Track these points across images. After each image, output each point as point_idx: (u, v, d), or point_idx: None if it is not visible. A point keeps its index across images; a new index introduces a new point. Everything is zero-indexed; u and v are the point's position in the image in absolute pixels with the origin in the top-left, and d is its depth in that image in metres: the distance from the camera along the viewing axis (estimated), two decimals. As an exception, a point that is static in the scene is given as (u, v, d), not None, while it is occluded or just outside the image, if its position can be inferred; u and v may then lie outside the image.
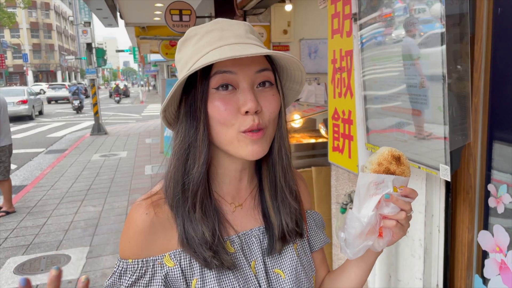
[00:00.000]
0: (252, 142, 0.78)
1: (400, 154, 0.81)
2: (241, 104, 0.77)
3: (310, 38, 5.61)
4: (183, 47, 0.84)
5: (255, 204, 0.91)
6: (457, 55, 1.27)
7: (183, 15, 5.45)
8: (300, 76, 0.87)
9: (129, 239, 0.81)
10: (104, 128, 12.95)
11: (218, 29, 0.80)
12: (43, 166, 8.51)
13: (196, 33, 0.82)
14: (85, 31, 13.08)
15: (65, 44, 69.75)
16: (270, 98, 0.80)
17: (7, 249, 4.29)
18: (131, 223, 0.81)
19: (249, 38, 0.81)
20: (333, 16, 2.25)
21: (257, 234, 0.88)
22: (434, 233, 1.66)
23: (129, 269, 0.79)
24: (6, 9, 37.32)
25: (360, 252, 0.81)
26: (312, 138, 3.45)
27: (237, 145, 0.79)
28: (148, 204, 0.81)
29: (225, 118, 0.77)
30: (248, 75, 0.78)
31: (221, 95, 0.77)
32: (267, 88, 0.81)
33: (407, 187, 0.81)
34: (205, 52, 0.77)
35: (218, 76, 0.77)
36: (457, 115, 1.28)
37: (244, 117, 0.77)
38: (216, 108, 0.77)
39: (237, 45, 0.77)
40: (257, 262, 0.85)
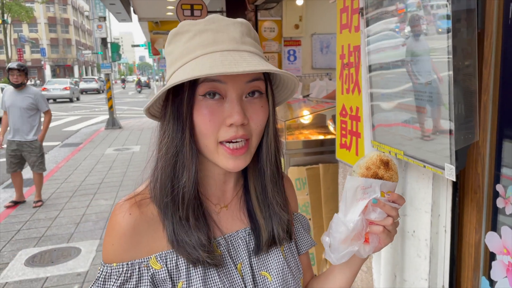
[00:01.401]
0: (234, 157, 0.76)
1: (388, 159, 0.81)
2: (227, 116, 0.74)
3: (322, 33, 5.54)
4: (174, 41, 0.81)
5: (240, 205, 0.89)
6: (464, 51, 1.23)
7: (195, 10, 5.44)
8: (293, 86, 0.85)
9: (112, 242, 0.78)
10: (118, 122, 13.08)
11: (212, 30, 0.77)
12: (58, 159, 8.63)
13: (189, 29, 0.79)
14: (100, 26, 13.21)
15: (82, 39, 70.58)
16: (258, 109, 0.78)
17: (19, 241, 4.37)
18: (114, 225, 0.78)
19: (244, 43, 0.78)
20: (342, 10, 2.21)
21: (243, 236, 0.86)
22: (440, 233, 1.62)
23: (114, 274, 0.76)
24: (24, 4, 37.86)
25: (344, 258, 0.79)
26: (320, 134, 3.42)
27: (217, 157, 0.77)
28: (132, 204, 0.79)
29: (208, 129, 0.75)
30: (238, 86, 0.75)
31: (207, 104, 0.75)
32: (256, 99, 0.78)
33: (395, 193, 0.80)
34: (196, 56, 0.75)
35: (207, 84, 0.74)
36: (464, 113, 1.25)
37: (227, 128, 0.75)
38: (202, 117, 0.75)
39: (230, 53, 0.74)
40: (244, 265, 0.84)
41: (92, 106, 22.23)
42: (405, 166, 1.75)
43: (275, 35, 5.33)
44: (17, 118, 5.18)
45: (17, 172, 5.44)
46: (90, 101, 26.47)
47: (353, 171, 0.81)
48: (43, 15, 56.67)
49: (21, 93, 5.16)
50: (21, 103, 5.16)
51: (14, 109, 5.17)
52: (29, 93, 5.22)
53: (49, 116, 5.50)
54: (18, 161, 5.38)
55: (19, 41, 39.40)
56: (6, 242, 4.35)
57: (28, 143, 5.28)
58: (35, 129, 5.32)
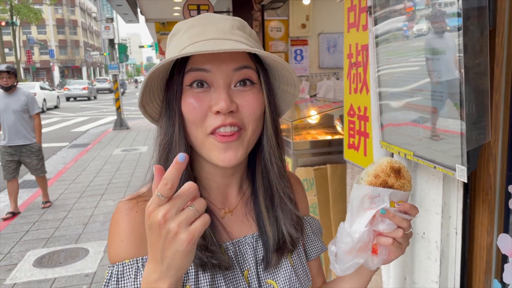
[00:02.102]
0: (224, 147, 0.73)
1: (400, 166, 0.75)
2: (213, 103, 0.73)
3: (329, 32, 5.51)
4: (170, 42, 0.81)
5: (247, 211, 0.86)
6: (475, 50, 1.21)
7: (201, 10, 5.43)
8: (291, 77, 0.80)
9: (121, 239, 0.75)
10: (126, 123, 13.13)
11: (200, 25, 0.76)
12: (66, 160, 8.68)
13: (181, 28, 0.79)
14: (107, 27, 13.27)
15: (90, 40, 71.05)
16: (250, 97, 0.75)
17: (28, 242, 4.39)
18: (120, 222, 0.76)
19: (233, 34, 0.76)
20: (349, 9, 2.19)
21: (250, 242, 0.84)
22: (451, 235, 1.59)
23: (128, 271, 0.73)
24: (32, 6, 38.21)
25: (349, 269, 0.75)
26: (328, 134, 3.39)
27: (207, 149, 0.75)
28: (135, 204, 0.78)
29: (195, 117, 0.73)
30: (225, 73, 0.73)
31: (193, 93, 0.74)
32: (247, 87, 0.76)
33: (407, 203, 0.74)
34: (183, 47, 0.74)
35: (192, 74, 0.73)
36: (475, 112, 1.22)
37: (215, 116, 0.73)
38: (188, 106, 0.74)
39: (214, 40, 0.73)
40: (250, 272, 0.81)
41: (100, 106, 22.42)
42: (415, 167, 1.72)
43: (282, 34, 5.31)
44: (13, 122, 4.98)
45: (14, 180, 5.23)
46: (106, 100, 28.09)
47: (361, 179, 0.75)
48: (51, 17, 57.15)
49: (12, 95, 4.98)
50: (14, 106, 4.97)
51: (8, 113, 4.96)
52: (21, 94, 5.04)
53: (39, 118, 5.28)
54: (16, 166, 5.20)
55: (28, 43, 39.74)
56: (15, 243, 4.38)
57: (27, 147, 5.12)
58: (33, 131, 5.18)
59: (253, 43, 0.78)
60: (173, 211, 0.56)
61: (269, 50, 5.34)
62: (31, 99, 5.14)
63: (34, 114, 5.18)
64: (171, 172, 0.55)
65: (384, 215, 0.72)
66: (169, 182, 0.55)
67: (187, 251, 0.57)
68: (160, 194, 0.55)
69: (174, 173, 0.55)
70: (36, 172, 5.31)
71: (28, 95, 5.11)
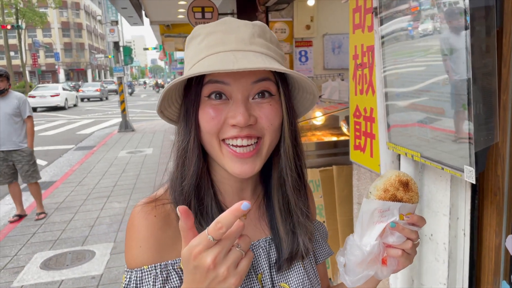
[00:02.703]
0: (241, 161, 0.74)
1: (408, 179, 0.76)
2: (230, 116, 0.73)
3: (333, 33, 5.51)
4: (188, 46, 0.81)
5: (260, 214, 0.86)
6: (483, 50, 1.20)
7: (206, 12, 5.45)
8: (310, 88, 0.80)
9: (139, 244, 0.74)
10: (131, 125, 13.17)
11: (221, 31, 0.76)
12: (72, 162, 8.72)
13: (200, 33, 0.79)
14: (112, 30, 13.32)
15: (95, 43, 71.38)
16: (268, 108, 0.75)
17: (35, 244, 4.41)
18: (138, 227, 0.75)
19: (253, 43, 0.75)
20: (355, 10, 2.19)
21: (264, 246, 0.84)
22: (459, 236, 1.58)
23: (147, 277, 0.73)
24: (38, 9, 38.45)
25: (360, 281, 0.76)
26: (333, 136, 3.38)
27: (222, 158, 0.75)
28: (153, 207, 0.77)
29: (211, 127, 0.74)
30: (243, 86, 0.73)
31: (211, 104, 0.74)
32: (266, 99, 0.75)
33: (415, 215, 0.76)
34: (202, 57, 0.74)
35: (211, 85, 0.74)
36: (483, 113, 1.21)
37: (230, 127, 0.73)
38: (205, 116, 0.74)
39: (233, 53, 0.72)
40: (264, 275, 0.82)
41: (106, 109, 22.52)
42: (422, 168, 1.71)
43: (286, 36, 5.31)
44: (4, 126, 4.87)
45: (13, 183, 5.15)
46: (111, 102, 28.78)
47: (370, 193, 0.76)
48: (56, 20, 57.45)
49: (4, 99, 4.88)
50: (6, 109, 4.87)
51: (0, 117, 4.86)
52: (13, 98, 4.94)
53: (31, 122, 5.14)
54: (13, 171, 5.08)
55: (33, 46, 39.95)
56: (22, 245, 4.40)
57: (19, 151, 4.99)
58: (25, 136, 5.05)
59: (274, 50, 0.78)
60: (222, 255, 0.56)
61: (273, 51, 5.34)
62: (23, 102, 5.00)
63: (26, 117, 5.04)
64: (227, 217, 0.55)
65: (394, 228, 0.73)
66: (224, 226, 0.55)
67: None
68: (211, 237, 0.55)
69: (230, 218, 0.55)
70: (27, 178, 5.10)
71: (20, 98, 5.00)
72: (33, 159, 5.16)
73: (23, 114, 5.02)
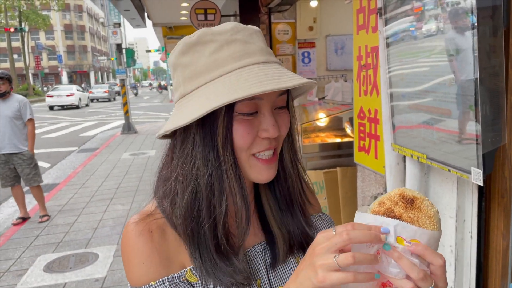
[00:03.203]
0: (267, 168, 0.76)
1: (415, 196, 0.62)
2: (262, 129, 0.74)
3: (336, 34, 5.50)
4: (192, 51, 0.75)
5: (253, 220, 0.85)
6: (490, 50, 1.18)
7: (208, 14, 5.45)
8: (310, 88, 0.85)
9: (142, 261, 0.72)
10: (134, 127, 13.19)
11: (240, 41, 0.74)
12: (75, 164, 8.73)
13: (212, 39, 0.74)
14: (115, 32, 13.35)
15: (98, 45, 71.61)
16: (285, 118, 0.79)
17: (38, 247, 4.41)
18: (136, 245, 0.73)
19: (270, 53, 0.78)
20: (358, 11, 2.17)
21: (260, 251, 0.83)
22: (466, 239, 1.57)
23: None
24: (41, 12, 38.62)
25: None
26: (337, 137, 3.37)
27: (249, 170, 0.76)
28: (146, 224, 0.75)
29: (246, 143, 0.73)
30: (272, 100, 0.75)
31: (245, 119, 0.73)
32: (283, 110, 0.79)
33: (421, 244, 0.58)
34: (231, 69, 0.72)
35: (247, 103, 0.72)
36: (490, 114, 1.19)
37: (261, 140, 0.74)
38: (240, 132, 0.73)
39: (266, 65, 0.73)
40: (263, 280, 0.81)
41: (108, 111, 22.56)
42: (427, 170, 1.70)
43: (289, 37, 5.30)
44: (5, 129, 4.86)
45: (16, 186, 5.12)
46: (114, 104, 29.08)
47: (368, 207, 0.65)
48: (59, 23, 57.65)
49: (6, 102, 4.88)
50: (7, 112, 4.86)
51: (1, 119, 4.85)
52: (14, 100, 4.95)
53: (32, 124, 5.09)
54: (15, 174, 5.06)
55: (36, 49, 40.16)
56: (25, 248, 4.40)
57: (19, 155, 4.96)
58: (25, 139, 5.04)
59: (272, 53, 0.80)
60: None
61: (276, 53, 5.33)
62: (24, 105, 5.00)
63: (27, 120, 5.03)
64: (365, 257, 0.56)
65: (389, 252, 0.58)
66: (356, 262, 0.55)
67: None
68: (338, 263, 0.55)
69: (367, 258, 0.56)
70: (29, 181, 5.08)
71: (21, 101, 4.99)
72: (34, 162, 5.14)
73: (24, 117, 5.02)
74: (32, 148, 5.13)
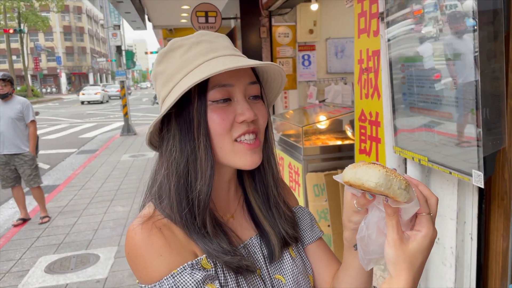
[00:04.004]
0: (252, 152, 0.80)
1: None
2: (239, 114, 0.78)
3: (336, 37, 5.53)
4: (166, 59, 0.83)
5: (244, 214, 0.91)
6: (491, 54, 1.21)
7: (209, 17, 5.47)
8: (280, 80, 0.89)
9: (159, 253, 0.73)
10: (133, 128, 13.19)
11: (206, 41, 0.81)
12: (75, 166, 8.72)
13: (182, 44, 0.82)
14: (114, 34, 13.37)
15: (97, 47, 71.58)
16: (262, 108, 0.83)
17: (39, 248, 4.41)
18: (149, 242, 0.74)
19: (235, 49, 0.84)
20: (360, 15, 2.20)
21: (257, 243, 0.88)
22: (466, 240, 1.59)
23: (181, 277, 0.72)
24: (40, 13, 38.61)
25: (371, 263, 0.71)
26: (338, 140, 3.39)
27: (234, 155, 0.80)
28: (152, 224, 0.77)
29: (223, 129, 0.78)
30: (243, 86, 0.80)
31: (219, 106, 0.78)
32: (258, 100, 0.83)
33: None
34: (199, 63, 0.78)
35: (218, 90, 0.77)
36: (491, 118, 1.22)
37: (239, 125, 0.78)
38: (216, 119, 0.77)
39: (230, 57, 0.79)
40: (262, 270, 0.86)
41: (108, 113, 22.59)
42: (428, 172, 1.72)
43: (289, 40, 5.33)
44: (7, 130, 4.87)
45: (16, 187, 5.11)
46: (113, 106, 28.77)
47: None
48: (58, 24, 57.61)
49: (8, 103, 4.90)
50: (9, 114, 4.87)
51: (3, 121, 4.86)
52: (16, 102, 4.97)
53: (34, 126, 5.11)
54: (16, 175, 5.06)
55: (35, 50, 40.11)
56: (26, 249, 4.40)
57: (21, 156, 4.98)
58: (27, 140, 5.06)
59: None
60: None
61: (276, 55, 5.36)
62: (26, 106, 5.03)
63: (29, 122, 5.06)
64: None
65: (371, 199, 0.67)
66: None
67: None
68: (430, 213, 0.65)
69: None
70: (29, 183, 5.08)
71: (23, 103, 5.02)
72: (35, 163, 5.16)
73: (26, 119, 5.05)
74: (33, 149, 5.15)
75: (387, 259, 0.65)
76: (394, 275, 0.65)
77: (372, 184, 0.61)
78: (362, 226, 0.70)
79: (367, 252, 0.70)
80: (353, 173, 0.64)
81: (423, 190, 0.67)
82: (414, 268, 0.64)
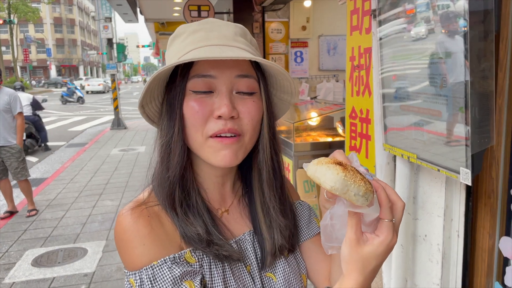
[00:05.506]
0: (224, 148, 0.75)
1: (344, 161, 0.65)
2: (216, 108, 0.75)
3: (329, 34, 5.54)
4: (172, 43, 0.83)
5: (240, 209, 0.89)
6: (480, 54, 1.22)
7: (202, 11, 5.44)
8: (289, 87, 0.83)
9: (142, 242, 0.73)
10: (123, 122, 13.10)
11: (204, 29, 0.79)
12: (63, 159, 8.65)
13: (184, 31, 0.81)
14: (106, 27, 13.24)
15: (88, 39, 70.88)
16: (250, 104, 0.77)
17: (26, 241, 4.38)
18: (135, 228, 0.74)
19: (236, 40, 0.78)
20: (352, 12, 2.20)
21: (249, 239, 0.86)
22: (453, 237, 1.60)
23: (160, 270, 0.72)
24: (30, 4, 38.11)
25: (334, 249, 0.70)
26: (329, 136, 3.40)
27: (207, 151, 0.77)
28: (142, 210, 0.77)
29: (196, 120, 0.75)
30: (228, 79, 0.75)
31: (196, 97, 0.76)
32: (249, 96, 0.78)
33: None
34: (186, 51, 0.76)
35: (197, 80, 0.75)
36: (480, 116, 1.23)
37: (216, 121, 0.75)
38: (190, 109, 0.75)
39: (219, 46, 0.75)
40: (252, 267, 0.85)
41: (98, 106, 22.41)
42: (417, 170, 1.73)
43: (282, 36, 5.33)
44: None
45: (4, 180, 5.08)
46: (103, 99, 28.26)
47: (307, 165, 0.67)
48: (49, 16, 56.94)
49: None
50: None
51: None
52: (4, 94, 4.90)
53: (21, 118, 5.10)
54: (3, 168, 5.01)
55: (25, 41, 39.63)
56: (13, 242, 4.36)
57: (7, 148, 4.92)
58: (14, 133, 5.01)
59: (254, 51, 0.80)
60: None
61: (269, 51, 5.35)
62: (14, 98, 4.97)
63: (16, 114, 5.00)
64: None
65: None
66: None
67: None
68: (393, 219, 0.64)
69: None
70: (16, 175, 5.05)
71: (11, 95, 4.95)
72: (22, 156, 5.11)
73: (14, 111, 4.98)
74: (20, 141, 5.10)
75: (342, 257, 0.65)
76: (345, 274, 0.65)
77: (328, 187, 0.60)
78: (327, 215, 0.68)
79: (328, 239, 0.69)
80: (314, 170, 0.63)
81: (391, 195, 0.65)
82: (365, 271, 0.64)
